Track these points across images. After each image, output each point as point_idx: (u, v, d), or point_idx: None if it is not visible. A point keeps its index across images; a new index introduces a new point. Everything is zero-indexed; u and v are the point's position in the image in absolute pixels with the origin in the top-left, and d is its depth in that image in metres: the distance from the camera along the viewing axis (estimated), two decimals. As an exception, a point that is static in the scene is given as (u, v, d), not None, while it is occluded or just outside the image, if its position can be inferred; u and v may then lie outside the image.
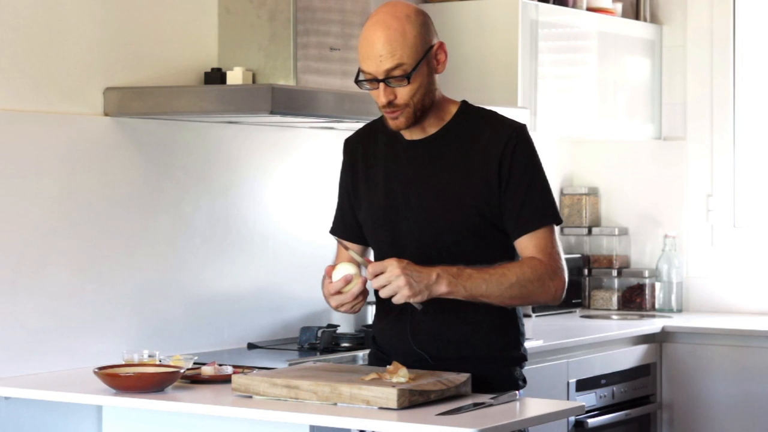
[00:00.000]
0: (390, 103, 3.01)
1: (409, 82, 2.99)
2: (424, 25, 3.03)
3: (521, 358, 3.18)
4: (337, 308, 3.07)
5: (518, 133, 3.08)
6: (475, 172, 3.06)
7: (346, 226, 3.27)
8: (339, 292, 3.02)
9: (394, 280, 2.92)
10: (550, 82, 5.01)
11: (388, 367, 3.00)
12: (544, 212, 3.08)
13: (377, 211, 3.17)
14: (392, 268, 2.92)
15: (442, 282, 2.96)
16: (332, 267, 3.04)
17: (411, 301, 2.94)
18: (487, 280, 2.99)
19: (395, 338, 3.16)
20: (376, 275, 2.94)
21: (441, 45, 3.06)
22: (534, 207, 3.06)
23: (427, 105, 3.05)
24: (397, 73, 2.98)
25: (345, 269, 3.02)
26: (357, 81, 3.04)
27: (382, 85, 2.99)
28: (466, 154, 3.08)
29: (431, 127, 3.12)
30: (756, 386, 4.92)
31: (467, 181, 3.07)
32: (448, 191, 3.08)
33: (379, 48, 2.97)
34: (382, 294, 2.95)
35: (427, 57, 3.01)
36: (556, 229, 3.13)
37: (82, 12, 3.73)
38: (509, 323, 3.14)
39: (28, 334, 3.57)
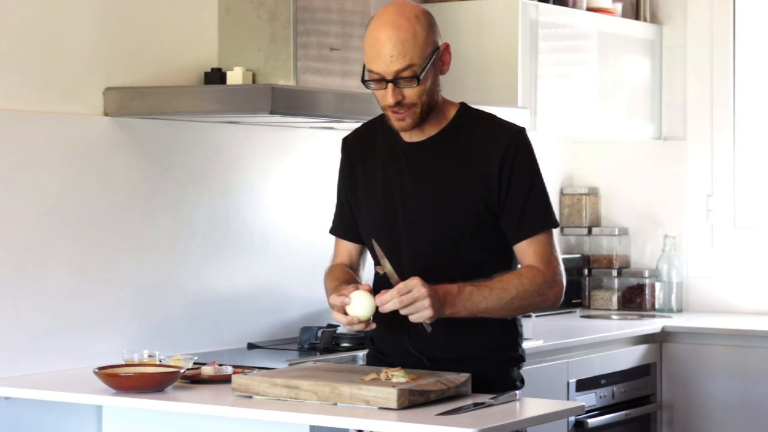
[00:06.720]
0: (398, 104, 2.99)
1: (419, 83, 2.97)
2: (432, 26, 3.02)
3: (519, 358, 3.18)
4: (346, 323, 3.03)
5: (518, 138, 3.08)
6: (475, 176, 3.05)
7: (345, 225, 3.27)
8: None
9: (421, 300, 2.90)
10: (550, 82, 5.01)
11: (385, 369, 3.00)
12: (543, 217, 3.08)
13: (375, 212, 3.15)
14: (419, 288, 2.90)
15: (446, 303, 2.95)
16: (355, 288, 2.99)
17: (426, 321, 2.93)
18: (487, 297, 2.99)
19: (393, 339, 3.16)
20: (402, 294, 2.90)
21: (447, 46, 3.06)
22: (534, 212, 3.06)
23: (432, 105, 3.04)
24: (406, 74, 2.96)
25: (364, 301, 2.96)
26: (363, 81, 3.02)
27: (390, 85, 2.97)
28: (466, 158, 3.07)
29: (430, 129, 3.10)
30: (756, 386, 4.91)
31: (467, 185, 3.06)
32: (447, 194, 3.07)
33: (390, 49, 2.95)
34: (403, 312, 2.92)
35: (434, 58, 3.00)
36: (556, 230, 3.13)
37: (82, 12, 3.73)
38: (507, 324, 3.14)
39: (28, 334, 3.57)
